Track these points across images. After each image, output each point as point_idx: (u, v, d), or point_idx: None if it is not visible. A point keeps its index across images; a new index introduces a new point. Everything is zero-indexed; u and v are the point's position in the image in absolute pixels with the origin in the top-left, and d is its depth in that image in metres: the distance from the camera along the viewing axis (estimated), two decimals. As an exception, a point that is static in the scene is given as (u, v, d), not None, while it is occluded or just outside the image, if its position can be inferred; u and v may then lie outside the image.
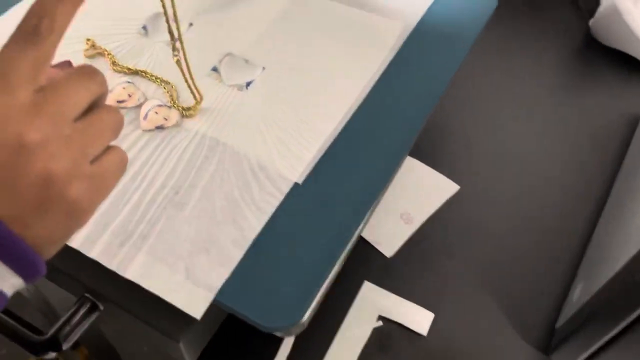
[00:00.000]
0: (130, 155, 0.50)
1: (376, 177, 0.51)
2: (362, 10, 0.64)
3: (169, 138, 0.52)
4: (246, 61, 0.59)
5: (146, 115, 0.53)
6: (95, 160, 0.29)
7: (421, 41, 0.62)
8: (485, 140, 0.73)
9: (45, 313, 0.64)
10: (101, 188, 0.29)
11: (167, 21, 0.48)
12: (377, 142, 0.53)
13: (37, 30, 0.27)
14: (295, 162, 0.51)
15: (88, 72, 0.29)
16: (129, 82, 0.56)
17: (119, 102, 0.54)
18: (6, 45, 0.27)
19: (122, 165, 0.31)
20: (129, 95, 0.55)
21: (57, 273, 0.47)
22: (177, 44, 0.50)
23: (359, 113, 0.55)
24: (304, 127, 0.53)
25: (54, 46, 0.28)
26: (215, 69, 0.58)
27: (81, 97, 0.28)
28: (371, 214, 0.49)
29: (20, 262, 0.27)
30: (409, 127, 0.55)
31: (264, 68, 0.58)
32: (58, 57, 0.57)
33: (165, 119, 0.53)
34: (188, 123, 0.53)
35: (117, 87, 0.55)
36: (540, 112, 0.77)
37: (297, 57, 0.59)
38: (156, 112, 0.53)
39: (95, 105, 0.29)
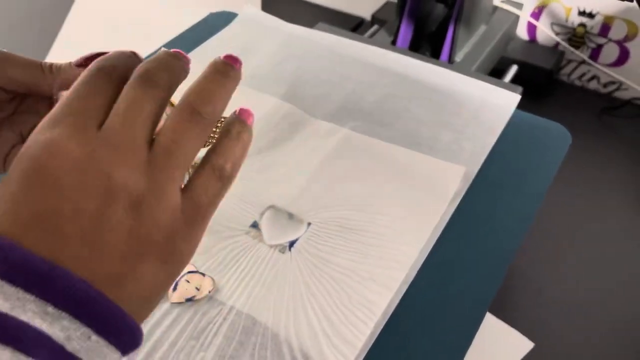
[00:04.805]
0: (154, 337, 0.44)
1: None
2: (417, 151, 0.58)
3: (200, 315, 0.45)
4: (290, 216, 0.52)
5: (175, 285, 0.47)
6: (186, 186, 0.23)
7: (487, 188, 0.55)
8: (560, 290, 0.64)
9: None
10: (198, 216, 0.23)
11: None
12: (442, 319, 0.45)
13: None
14: (345, 349, 0.43)
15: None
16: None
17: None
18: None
19: (223, 185, 0.24)
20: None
21: None
22: None
23: (418, 280, 0.48)
24: (355, 301, 0.46)
25: None
26: (255, 225, 0.52)
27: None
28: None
29: (119, 334, 0.21)
30: (480, 295, 0.47)
31: (309, 224, 0.52)
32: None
33: (197, 289, 0.47)
34: (222, 293, 0.47)
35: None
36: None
37: (346, 210, 0.53)
38: (187, 281, 0.47)
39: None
